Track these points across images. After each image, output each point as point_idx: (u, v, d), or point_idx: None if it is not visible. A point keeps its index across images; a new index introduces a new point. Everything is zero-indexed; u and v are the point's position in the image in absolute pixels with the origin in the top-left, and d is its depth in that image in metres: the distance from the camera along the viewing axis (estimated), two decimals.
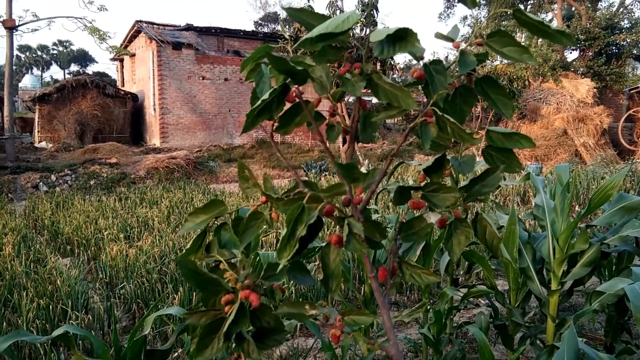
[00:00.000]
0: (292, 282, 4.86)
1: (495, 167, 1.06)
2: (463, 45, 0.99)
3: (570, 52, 24.37)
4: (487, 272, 3.08)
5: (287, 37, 15.61)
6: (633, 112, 19.42)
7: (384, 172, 1.00)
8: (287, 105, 1.00)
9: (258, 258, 2.54)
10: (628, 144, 18.87)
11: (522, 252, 3.00)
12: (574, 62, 23.21)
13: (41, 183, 13.17)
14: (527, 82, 20.68)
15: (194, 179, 14.54)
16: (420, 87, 1.01)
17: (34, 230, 8.23)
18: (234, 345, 0.95)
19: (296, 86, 0.96)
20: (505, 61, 24.13)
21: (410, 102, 0.89)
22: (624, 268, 3.21)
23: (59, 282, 4.80)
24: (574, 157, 17.61)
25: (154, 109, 19.87)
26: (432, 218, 1.08)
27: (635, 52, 23.42)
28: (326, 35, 0.84)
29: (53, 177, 13.55)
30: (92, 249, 6.71)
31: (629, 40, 22.39)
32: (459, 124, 0.93)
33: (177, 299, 4.58)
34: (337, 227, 1.01)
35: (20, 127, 25.03)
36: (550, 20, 24.94)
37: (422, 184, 1.07)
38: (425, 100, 1.03)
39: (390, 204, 8.92)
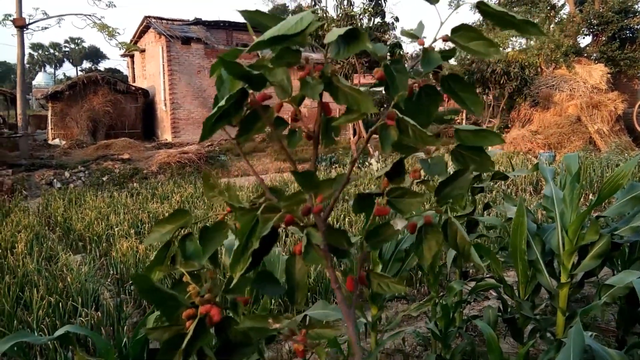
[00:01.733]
0: None
1: (465, 169, 1.01)
2: (429, 42, 0.95)
3: (583, 38, 23.93)
4: (495, 265, 3.03)
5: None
6: None
7: (347, 179, 0.97)
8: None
9: None
10: None
11: (531, 244, 2.95)
12: (587, 48, 22.78)
13: (55, 180, 13.30)
14: (539, 69, 20.38)
15: None
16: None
17: (46, 227, 8.32)
18: None
19: (251, 92, 0.93)
20: (517, 47, 23.82)
21: (369, 105, 0.86)
22: (636, 259, 3.15)
23: (69, 279, 4.84)
24: (588, 144, 17.33)
25: (165, 104, 19.94)
26: (399, 224, 1.04)
27: None
28: (279, 38, 0.81)
29: (67, 174, 13.67)
30: (104, 245, 6.76)
31: None
32: (423, 126, 0.89)
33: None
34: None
35: (34, 124, 25.33)
36: (562, 5, 24.50)
37: (386, 189, 1.03)
38: None
39: None
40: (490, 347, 2.53)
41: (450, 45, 0.97)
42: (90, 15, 17.32)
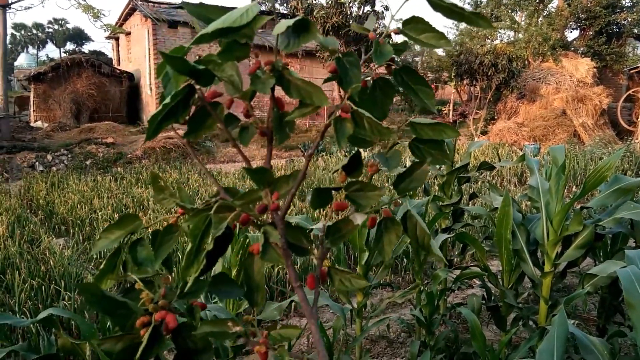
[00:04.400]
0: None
1: (422, 161, 1.01)
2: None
3: (571, 32, 24.07)
4: (480, 254, 3.06)
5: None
6: (632, 92, 19.29)
7: (303, 174, 0.94)
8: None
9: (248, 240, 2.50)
10: (627, 124, 18.78)
11: (516, 233, 2.98)
12: (574, 42, 22.96)
13: (37, 163, 13.10)
14: (526, 62, 20.50)
15: (191, 160, 14.47)
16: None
17: (28, 210, 8.20)
18: None
19: (198, 87, 0.90)
20: (506, 40, 23.90)
21: (322, 98, 0.85)
22: (618, 250, 3.19)
23: (52, 263, 4.78)
24: (573, 137, 17.53)
25: (150, 88, 19.70)
26: (359, 219, 1.02)
27: (636, 31, 23.14)
28: (224, 31, 0.78)
29: (49, 157, 13.47)
30: (87, 229, 6.69)
31: (629, 20, 22.09)
32: (378, 119, 0.88)
33: (170, 280, 4.57)
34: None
35: (18, 105, 24.87)
36: None
37: (345, 183, 1.01)
38: None
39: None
40: (474, 334, 2.56)
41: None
42: None
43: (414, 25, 0.90)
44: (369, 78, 0.95)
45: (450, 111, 21.04)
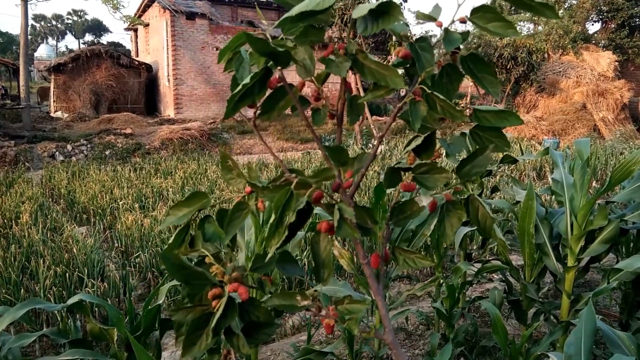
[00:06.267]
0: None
1: (484, 147, 1.03)
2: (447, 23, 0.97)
3: (592, 24, 23.67)
4: (501, 248, 3.04)
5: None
6: None
7: (373, 155, 0.98)
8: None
9: None
10: None
11: (539, 227, 2.96)
12: (596, 34, 22.57)
13: (57, 152, 13.28)
14: (546, 55, 20.21)
15: (208, 151, 14.57)
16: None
17: (50, 199, 8.34)
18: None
19: (279, 68, 0.93)
20: (525, 32, 23.57)
21: (398, 81, 0.87)
22: None
23: (75, 251, 4.86)
24: (593, 132, 17.27)
25: (168, 80, 19.82)
26: (424, 201, 1.05)
27: None
28: (306, 14, 0.80)
29: (69, 147, 13.65)
30: (108, 218, 6.78)
31: None
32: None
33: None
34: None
35: (40, 96, 25.23)
36: None
37: (413, 165, 1.03)
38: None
39: None
40: (496, 328, 2.56)
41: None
42: None
43: (482, 14, 0.92)
44: (435, 64, 0.98)
45: (467, 104, 20.85)
